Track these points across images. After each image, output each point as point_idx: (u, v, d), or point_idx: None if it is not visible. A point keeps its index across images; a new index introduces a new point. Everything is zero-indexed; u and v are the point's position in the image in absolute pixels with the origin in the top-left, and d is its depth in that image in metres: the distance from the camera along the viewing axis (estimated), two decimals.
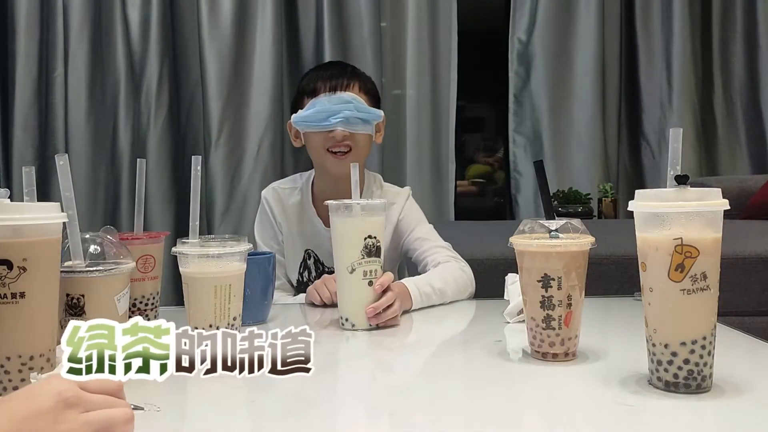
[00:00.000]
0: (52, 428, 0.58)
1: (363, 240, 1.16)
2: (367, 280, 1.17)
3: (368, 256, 1.16)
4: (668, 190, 0.78)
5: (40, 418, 0.58)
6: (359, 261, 1.16)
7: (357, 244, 1.16)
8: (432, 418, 0.76)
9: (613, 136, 3.30)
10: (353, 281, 1.16)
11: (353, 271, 1.16)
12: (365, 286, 1.17)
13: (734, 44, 3.32)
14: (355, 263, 1.16)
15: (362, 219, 1.16)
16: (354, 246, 1.16)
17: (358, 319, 1.17)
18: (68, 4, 3.02)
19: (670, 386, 0.79)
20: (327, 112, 1.47)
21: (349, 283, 1.17)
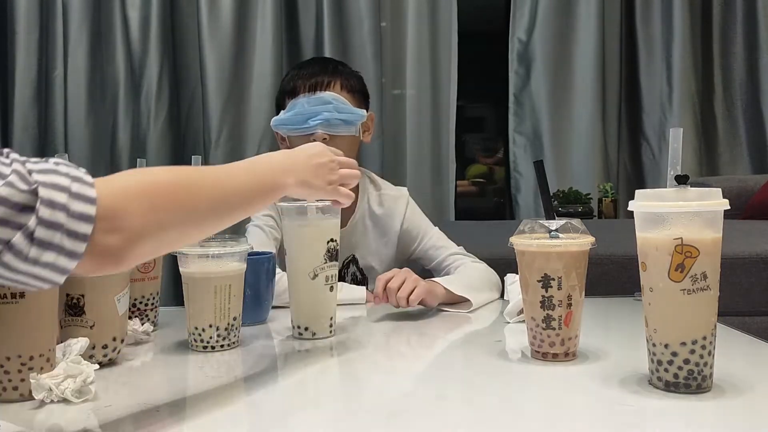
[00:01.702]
0: (325, 174, 1.00)
1: (326, 243, 1.10)
2: (328, 285, 1.12)
3: (330, 261, 1.11)
4: (668, 190, 0.78)
5: (320, 168, 0.99)
6: (321, 266, 1.10)
7: (320, 249, 1.10)
8: (432, 418, 0.76)
9: (613, 136, 3.30)
10: (316, 288, 1.10)
11: (315, 277, 1.10)
12: (327, 292, 1.11)
13: (734, 44, 3.32)
14: (317, 268, 1.10)
15: (324, 222, 1.11)
16: (317, 250, 1.10)
17: (318, 327, 1.11)
18: (68, 4, 3.02)
19: (670, 386, 0.79)
20: (306, 115, 1.42)
21: (311, 290, 1.10)
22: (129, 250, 0.67)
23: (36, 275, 0.62)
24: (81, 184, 0.64)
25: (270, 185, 0.89)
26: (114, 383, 0.91)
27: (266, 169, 0.90)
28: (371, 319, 1.28)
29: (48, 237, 0.61)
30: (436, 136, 3.24)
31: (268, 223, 1.51)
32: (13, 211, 0.59)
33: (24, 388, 0.80)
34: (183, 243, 0.83)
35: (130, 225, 0.67)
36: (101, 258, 0.65)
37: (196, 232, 0.79)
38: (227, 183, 0.82)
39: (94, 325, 0.94)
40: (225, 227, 0.83)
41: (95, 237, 0.63)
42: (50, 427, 0.75)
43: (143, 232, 0.68)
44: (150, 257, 0.75)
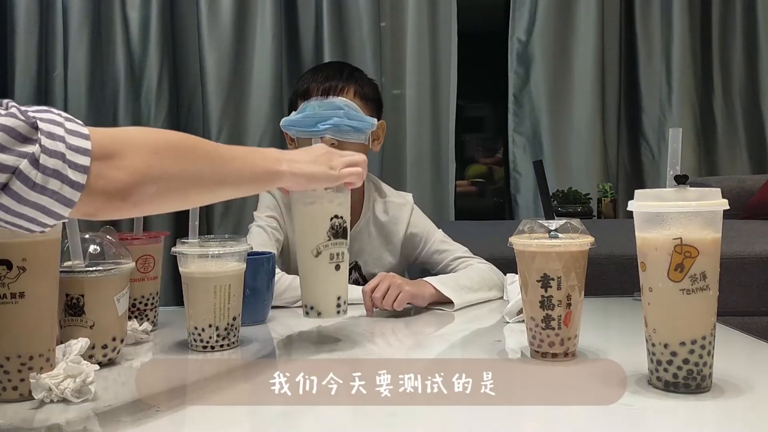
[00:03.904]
0: (327, 161, 1.00)
1: (329, 220, 1.05)
2: (333, 263, 1.06)
3: (335, 238, 1.06)
4: (668, 190, 0.78)
5: (322, 156, 1.01)
6: (325, 243, 1.05)
7: (323, 225, 1.05)
8: (431, 418, 0.76)
9: (613, 136, 3.30)
10: (319, 266, 1.06)
11: (319, 255, 1.05)
12: (332, 270, 1.06)
13: (734, 44, 3.32)
14: (320, 246, 1.05)
15: (328, 198, 1.06)
16: (319, 227, 1.05)
17: (324, 307, 1.07)
18: (68, 3, 3.02)
19: (670, 386, 0.79)
20: (316, 118, 1.40)
21: (315, 267, 1.06)
22: (134, 188, 0.70)
23: (42, 207, 0.65)
24: (73, 123, 0.68)
25: (263, 170, 0.90)
26: (114, 383, 0.91)
27: (262, 156, 0.92)
28: (370, 318, 1.28)
29: (52, 164, 0.64)
30: (435, 136, 3.24)
31: (270, 224, 1.51)
32: (17, 140, 0.63)
33: (24, 388, 0.80)
34: (185, 200, 0.83)
35: (134, 163, 0.70)
36: (107, 194, 0.68)
37: (196, 192, 0.82)
38: (227, 157, 0.85)
39: (94, 325, 0.94)
40: (219, 199, 0.88)
41: (101, 171, 0.67)
42: (50, 427, 0.75)
43: (148, 172, 0.71)
44: (155, 203, 0.75)
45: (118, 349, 0.99)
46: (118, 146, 0.70)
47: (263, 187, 0.94)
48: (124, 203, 0.70)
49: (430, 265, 1.56)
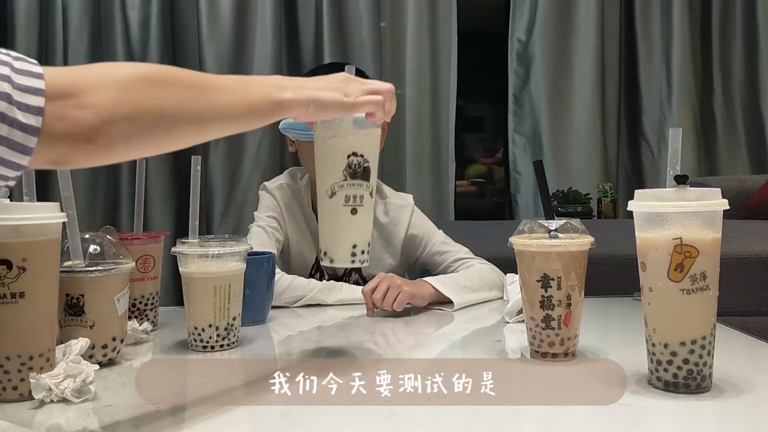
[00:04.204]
0: (342, 87, 0.87)
1: (346, 157, 0.94)
2: (349, 206, 0.96)
3: (352, 178, 0.95)
4: (668, 189, 0.78)
5: (337, 82, 0.88)
6: (340, 183, 0.94)
7: (338, 162, 0.95)
8: (431, 418, 0.76)
9: (613, 136, 3.31)
10: (333, 207, 0.96)
11: (333, 195, 0.95)
12: (347, 213, 0.96)
13: (734, 44, 3.33)
14: (335, 185, 0.95)
15: (349, 132, 0.95)
16: (335, 164, 0.95)
17: (336, 253, 0.97)
18: (68, 3, 3.02)
19: (670, 386, 0.79)
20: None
21: (329, 209, 0.96)
22: (102, 128, 0.63)
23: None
24: (24, 62, 0.61)
25: (262, 100, 0.79)
26: (114, 383, 0.91)
27: (260, 83, 0.81)
28: (370, 319, 1.28)
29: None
30: (435, 136, 3.24)
31: (271, 224, 1.51)
32: None
33: (24, 388, 0.80)
34: (169, 138, 0.73)
35: (99, 100, 0.63)
36: (71, 137, 0.62)
37: (180, 129, 0.72)
38: (214, 87, 0.76)
39: (94, 325, 0.94)
40: (214, 136, 0.78)
41: (60, 112, 0.60)
42: (50, 427, 0.75)
43: (117, 109, 0.64)
44: (132, 144, 0.67)
45: (118, 349, 0.99)
46: (80, 83, 0.63)
47: (266, 118, 0.81)
48: (92, 146, 0.63)
49: (431, 266, 1.56)
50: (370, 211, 0.98)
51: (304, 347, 1.12)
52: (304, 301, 1.37)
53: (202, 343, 1.04)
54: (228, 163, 3.07)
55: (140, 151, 0.71)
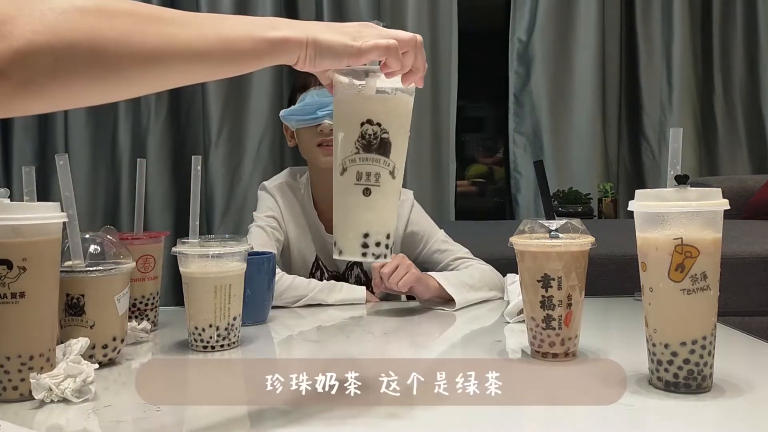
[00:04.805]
0: (354, 31, 0.72)
1: (359, 126, 0.76)
2: (361, 186, 0.77)
3: (365, 151, 0.77)
4: (668, 189, 0.78)
5: (348, 26, 0.73)
6: (351, 156, 0.77)
7: (351, 132, 0.77)
8: (431, 418, 0.76)
9: (613, 136, 3.30)
10: (343, 186, 0.78)
11: (344, 172, 0.78)
12: (359, 194, 0.77)
13: (734, 44, 3.33)
14: (346, 160, 0.77)
15: (362, 95, 0.77)
16: (347, 134, 0.77)
17: (344, 243, 0.79)
18: None
19: (670, 386, 0.79)
20: (314, 105, 1.42)
21: (339, 188, 0.79)
22: (14, 60, 0.54)
23: None
24: None
25: (242, 35, 0.66)
26: (114, 383, 0.91)
27: (243, 20, 0.69)
28: (371, 318, 1.28)
29: None
30: (436, 136, 3.24)
31: (270, 224, 1.51)
32: None
33: (24, 388, 0.80)
34: (102, 78, 0.60)
35: (12, 29, 0.54)
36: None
37: (120, 66, 0.60)
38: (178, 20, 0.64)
39: (94, 325, 0.94)
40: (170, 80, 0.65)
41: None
42: (50, 427, 0.75)
43: (34, 38, 0.55)
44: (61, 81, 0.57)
45: (119, 349, 0.99)
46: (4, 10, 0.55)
47: (251, 60, 0.67)
48: (3, 83, 0.54)
49: (431, 264, 1.56)
50: (392, 194, 0.79)
51: (305, 347, 1.12)
52: (305, 301, 1.37)
53: (203, 343, 1.04)
54: (228, 163, 3.07)
55: (75, 92, 0.60)
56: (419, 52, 0.76)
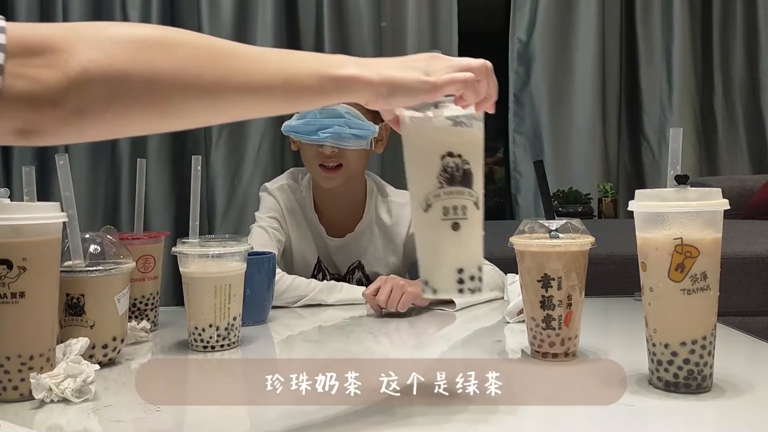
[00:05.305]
0: (424, 65, 0.71)
1: (440, 159, 0.75)
2: (449, 221, 0.76)
3: (449, 185, 0.75)
4: (668, 190, 0.78)
5: (417, 60, 0.72)
6: (435, 192, 0.75)
7: (430, 166, 0.75)
8: (431, 418, 0.76)
9: (613, 136, 3.30)
10: (429, 223, 0.76)
11: (428, 208, 0.76)
12: (447, 230, 0.76)
13: (734, 44, 3.32)
14: (430, 196, 0.76)
15: (438, 127, 0.76)
16: (427, 169, 0.76)
17: (438, 280, 0.77)
18: (68, 4, 3.02)
19: (671, 386, 0.79)
20: (316, 125, 1.40)
21: (425, 226, 0.77)
22: (68, 90, 0.53)
23: None
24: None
25: (309, 73, 0.64)
26: (114, 383, 0.91)
27: (311, 56, 0.67)
28: (371, 318, 1.28)
29: None
30: None
31: (272, 225, 1.51)
32: None
33: (24, 388, 0.80)
34: (156, 110, 0.59)
35: (69, 58, 0.53)
36: (32, 99, 0.53)
37: (175, 99, 0.59)
38: (240, 55, 0.62)
39: (94, 325, 0.94)
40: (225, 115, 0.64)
41: (21, 71, 0.52)
42: (50, 427, 0.75)
43: (90, 68, 0.54)
44: (112, 113, 0.56)
45: (119, 348, 0.99)
46: (53, 39, 0.54)
47: (316, 98, 0.65)
48: (58, 111, 0.54)
49: None
50: (478, 225, 0.78)
51: (305, 347, 1.12)
52: (305, 301, 1.37)
53: (203, 343, 1.04)
54: (228, 163, 3.07)
55: (128, 122, 0.59)
56: (491, 78, 0.75)
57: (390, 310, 1.28)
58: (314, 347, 1.11)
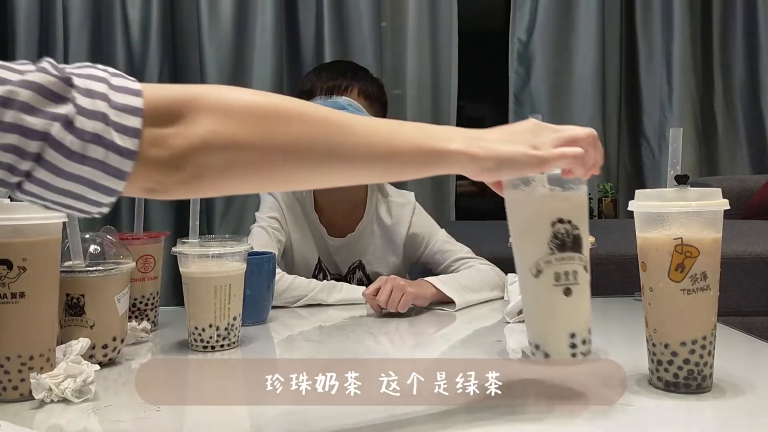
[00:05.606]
0: (531, 137, 0.72)
1: (550, 226, 0.76)
2: (561, 286, 0.77)
3: (560, 251, 0.77)
4: (668, 190, 0.78)
5: (522, 132, 0.73)
6: (547, 258, 0.77)
7: (542, 233, 0.77)
8: (431, 418, 0.76)
9: (613, 136, 3.30)
10: (541, 289, 0.78)
11: (539, 274, 0.77)
12: (559, 296, 0.77)
13: (734, 44, 3.32)
14: (541, 262, 0.77)
15: (546, 194, 0.77)
16: (537, 236, 0.77)
17: (551, 346, 0.79)
18: (68, 4, 3.02)
19: (671, 386, 0.79)
20: None
21: (535, 291, 0.79)
22: (191, 155, 0.58)
23: (87, 180, 0.55)
24: (121, 78, 0.58)
25: (415, 147, 0.66)
26: (114, 383, 0.91)
27: (416, 128, 0.68)
28: (371, 318, 1.28)
29: (91, 127, 0.54)
30: None
31: (272, 225, 1.51)
32: (48, 100, 0.53)
33: (24, 388, 0.80)
34: (267, 177, 0.64)
35: (195, 127, 0.58)
36: (161, 163, 0.57)
37: (285, 169, 0.63)
38: (348, 126, 0.65)
39: (94, 325, 0.94)
40: (329, 181, 0.68)
41: (156, 135, 0.57)
42: (50, 427, 0.75)
43: (211, 138, 0.59)
44: (228, 178, 0.61)
45: (119, 349, 0.99)
46: (180, 104, 0.59)
47: (418, 170, 0.67)
48: (181, 175, 0.59)
49: (432, 265, 1.56)
50: (587, 288, 0.79)
51: (305, 347, 1.12)
52: (305, 301, 1.37)
53: (203, 343, 1.04)
54: None
55: (237, 186, 0.64)
56: (597, 147, 0.76)
57: (390, 310, 1.28)
58: (314, 347, 1.11)
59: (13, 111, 0.52)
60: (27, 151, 0.53)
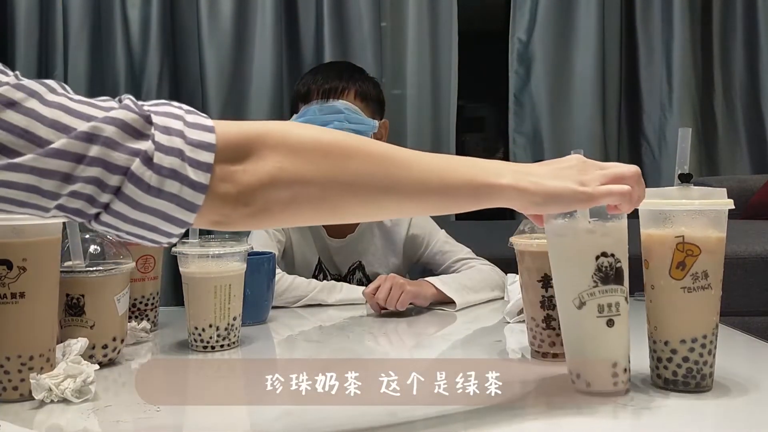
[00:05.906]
0: (578, 174, 0.73)
1: (594, 260, 0.78)
2: (604, 318, 0.78)
3: (604, 284, 0.78)
4: (672, 188, 0.78)
5: (569, 168, 0.74)
6: (590, 291, 0.78)
7: (585, 266, 0.78)
8: (431, 418, 0.76)
9: (614, 136, 3.30)
10: (583, 320, 0.79)
11: (582, 306, 0.78)
12: (602, 327, 0.78)
13: (734, 44, 3.32)
14: (584, 294, 0.78)
15: (590, 228, 0.78)
16: (580, 269, 0.78)
17: (593, 377, 0.80)
18: (68, 4, 3.02)
19: (669, 384, 0.79)
20: (316, 123, 1.39)
21: (578, 322, 0.80)
22: (258, 192, 0.61)
23: (161, 213, 0.58)
24: (195, 115, 0.61)
25: (465, 181, 0.69)
26: (114, 383, 0.91)
27: (467, 163, 0.72)
28: (371, 319, 1.28)
29: (168, 163, 0.57)
30: (436, 136, 3.24)
31: None
32: (130, 136, 0.57)
33: (24, 388, 0.80)
34: (328, 211, 0.67)
35: (263, 165, 0.61)
36: (232, 198, 0.60)
37: (350, 201, 0.67)
38: (405, 162, 0.68)
39: (94, 325, 0.94)
40: (384, 214, 0.74)
41: (227, 172, 0.60)
42: (50, 427, 0.75)
43: (278, 174, 0.62)
44: (292, 211, 0.64)
45: (119, 349, 0.99)
46: (250, 141, 0.62)
47: (469, 204, 0.71)
48: (248, 209, 0.62)
49: (432, 265, 1.56)
50: (627, 318, 0.81)
51: (305, 347, 1.12)
52: (305, 301, 1.37)
53: (203, 343, 1.04)
54: None
55: (297, 219, 0.68)
56: (641, 183, 0.76)
57: (389, 308, 1.27)
58: (314, 347, 1.11)
59: (98, 146, 0.55)
60: (108, 184, 0.56)
